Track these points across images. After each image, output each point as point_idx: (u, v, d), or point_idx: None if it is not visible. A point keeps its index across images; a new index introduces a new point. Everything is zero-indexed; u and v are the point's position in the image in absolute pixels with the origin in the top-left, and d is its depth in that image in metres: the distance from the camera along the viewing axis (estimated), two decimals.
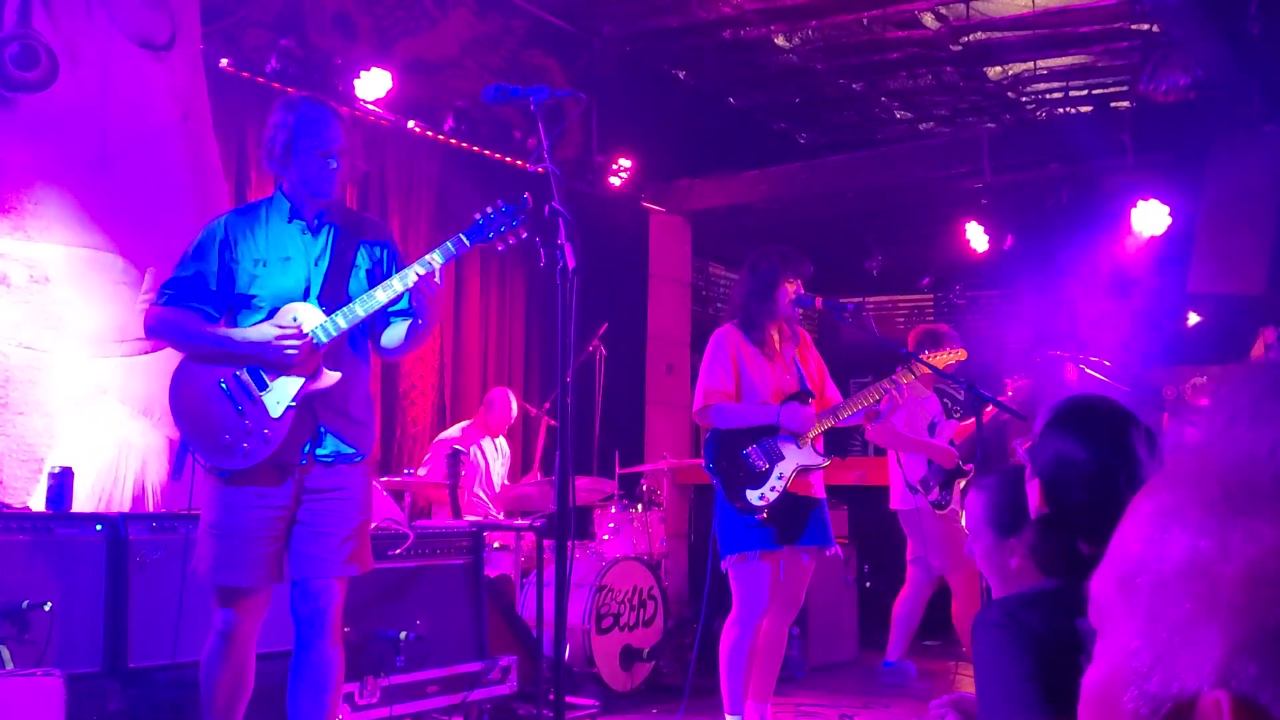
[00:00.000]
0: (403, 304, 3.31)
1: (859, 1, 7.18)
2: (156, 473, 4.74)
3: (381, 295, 3.21)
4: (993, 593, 1.88)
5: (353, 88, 6.22)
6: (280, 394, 3.21)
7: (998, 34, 7.55)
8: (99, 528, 3.81)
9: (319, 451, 3.25)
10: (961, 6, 7.14)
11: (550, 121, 3.06)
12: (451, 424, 6.91)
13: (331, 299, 3.26)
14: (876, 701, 5.72)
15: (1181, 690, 0.60)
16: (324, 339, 3.20)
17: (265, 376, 3.21)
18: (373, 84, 6.24)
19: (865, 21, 7.46)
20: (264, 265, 3.25)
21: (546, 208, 3.03)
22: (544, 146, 3.03)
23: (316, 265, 3.29)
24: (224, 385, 3.21)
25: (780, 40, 7.94)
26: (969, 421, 6.29)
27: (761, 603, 4.18)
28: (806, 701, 5.56)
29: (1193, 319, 9.04)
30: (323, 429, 3.25)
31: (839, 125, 9.51)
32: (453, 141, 7.08)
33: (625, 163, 8.06)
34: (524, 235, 3.29)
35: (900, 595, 6.14)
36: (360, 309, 3.22)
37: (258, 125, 6.10)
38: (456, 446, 5.77)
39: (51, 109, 4.62)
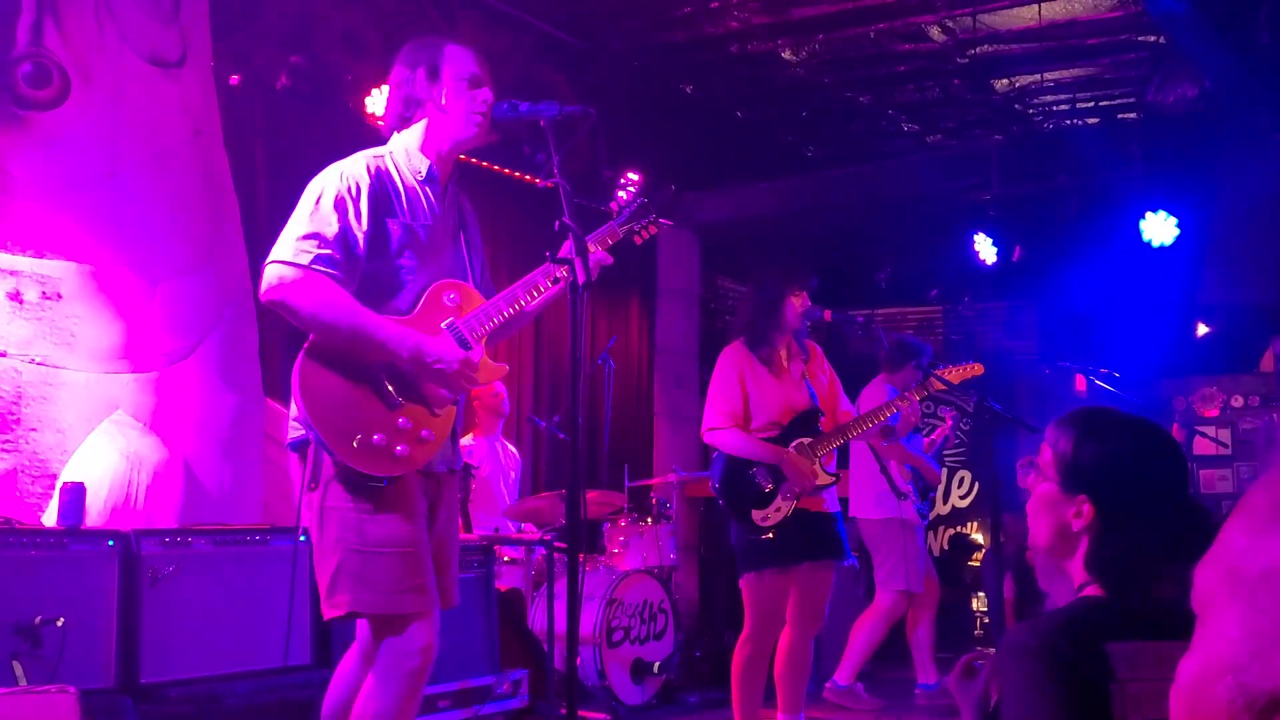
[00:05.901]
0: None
1: (866, 15, 7.19)
2: (168, 488, 4.76)
3: (526, 298, 2.89)
4: (1040, 582, 1.83)
5: (363, 104, 6.24)
6: None
7: (1004, 47, 7.56)
8: (111, 543, 3.82)
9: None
10: (968, 19, 7.14)
11: (559, 137, 3.04)
12: (460, 438, 6.90)
13: (481, 280, 2.90)
14: (886, 715, 5.71)
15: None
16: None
17: None
18: (383, 100, 6.25)
19: (872, 35, 7.47)
20: (411, 231, 2.79)
21: (556, 223, 3.04)
22: (553, 161, 3.02)
23: (455, 238, 2.91)
24: (379, 374, 2.71)
25: (787, 54, 7.95)
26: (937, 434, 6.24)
27: (773, 620, 4.17)
28: (818, 716, 5.54)
29: (1202, 330, 9.03)
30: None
31: (846, 138, 9.51)
32: (461, 156, 7.08)
33: (634, 176, 8.08)
34: (655, 231, 3.09)
35: (866, 615, 5.86)
36: (508, 309, 2.86)
37: (267, 141, 6.16)
38: (466, 462, 5.77)
39: (63, 127, 4.65)
